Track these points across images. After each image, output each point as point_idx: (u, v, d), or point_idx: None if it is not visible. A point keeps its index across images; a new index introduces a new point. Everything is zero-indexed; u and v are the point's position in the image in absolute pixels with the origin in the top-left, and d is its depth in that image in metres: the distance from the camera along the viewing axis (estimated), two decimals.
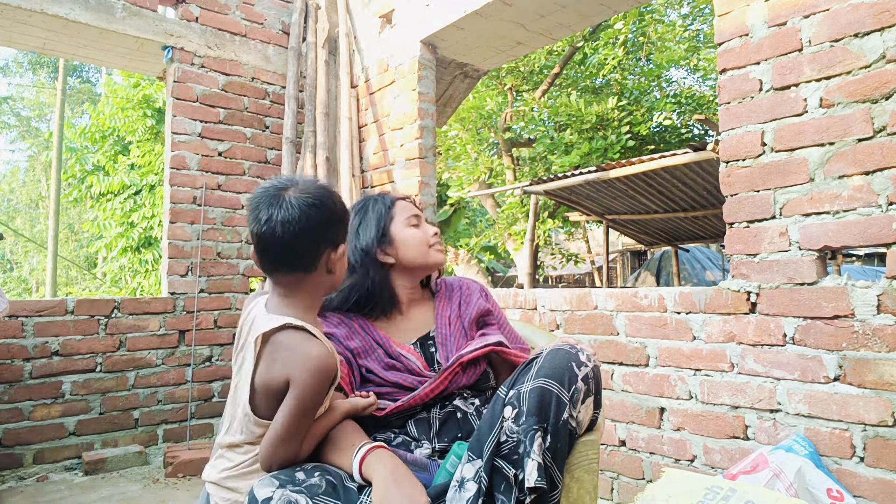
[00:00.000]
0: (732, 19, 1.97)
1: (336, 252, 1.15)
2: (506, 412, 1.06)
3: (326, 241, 1.13)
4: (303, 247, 1.10)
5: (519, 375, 1.12)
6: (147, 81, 9.46)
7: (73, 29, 3.17)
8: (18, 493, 2.64)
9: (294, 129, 3.58)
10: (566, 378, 1.06)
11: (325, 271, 1.14)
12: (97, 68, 20.43)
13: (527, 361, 1.14)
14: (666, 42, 9.80)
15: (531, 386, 1.06)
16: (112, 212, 9.67)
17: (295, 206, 1.08)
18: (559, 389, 1.05)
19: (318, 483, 1.03)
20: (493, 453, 1.04)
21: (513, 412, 1.06)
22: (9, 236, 18.47)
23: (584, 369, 1.09)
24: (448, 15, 3.04)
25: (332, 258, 1.14)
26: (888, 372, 1.60)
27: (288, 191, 1.10)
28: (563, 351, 1.11)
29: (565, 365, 1.08)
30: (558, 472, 1.06)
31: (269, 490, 0.99)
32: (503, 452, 1.04)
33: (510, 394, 1.09)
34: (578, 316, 2.41)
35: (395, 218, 1.40)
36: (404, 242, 1.38)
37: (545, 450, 1.03)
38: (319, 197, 1.11)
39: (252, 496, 1.00)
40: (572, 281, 16.89)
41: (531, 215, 7.09)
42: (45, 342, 2.96)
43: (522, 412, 1.04)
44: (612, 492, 2.28)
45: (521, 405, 1.05)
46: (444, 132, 9.26)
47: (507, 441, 1.04)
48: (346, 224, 1.19)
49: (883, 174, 1.63)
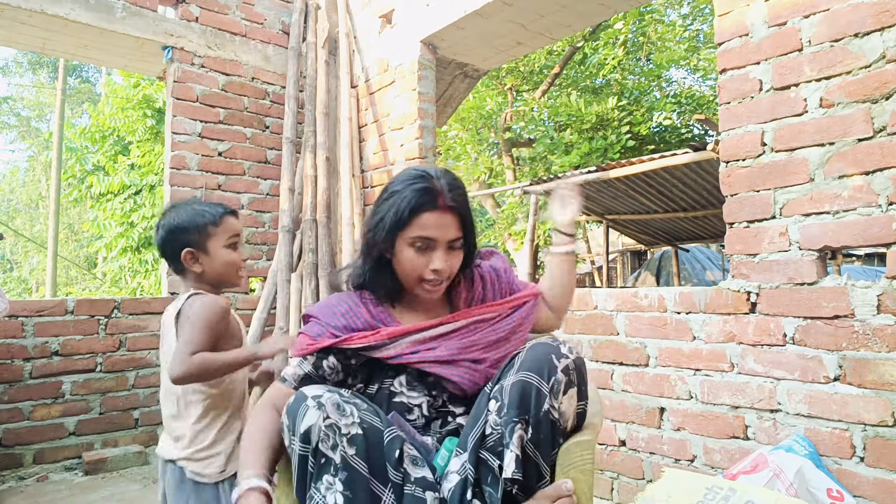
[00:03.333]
0: (732, 19, 1.97)
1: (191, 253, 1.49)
2: (490, 405, 1.09)
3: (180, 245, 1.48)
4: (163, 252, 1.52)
5: (503, 371, 1.14)
6: (147, 81, 9.45)
7: (73, 29, 3.17)
8: (18, 493, 2.64)
9: (294, 129, 3.58)
10: (545, 370, 1.07)
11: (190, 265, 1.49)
12: (97, 68, 20.43)
13: (511, 357, 1.15)
14: (666, 42, 9.81)
15: (513, 380, 1.08)
16: (112, 212, 9.66)
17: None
18: (538, 381, 1.06)
19: (359, 402, 1.09)
20: (479, 445, 1.07)
21: (496, 405, 1.08)
22: (9, 236, 18.47)
23: (565, 360, 1.09)
24: (448, 15, 3.04)
25: (188, 258, 1.48)
26: (888, 372, 1.60)
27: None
28: (544, 344, 1.12)
29: (545, 357, 1.09)
30: (544, 463, 1.08)
31: (320, 391, 1.06)
32: (489, 445, 1.07)
33: (494, 388, 1.11)
34: (578, 316, 2.41)
35: (403, 235, 1.18)
36: (398, 262, 1.21)
37: (527, 441, 1.05)
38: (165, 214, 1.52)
39: (301, 393, 1.06)
40: None
41: (531, 215, 7.09)
42: (45, 342, 2.96)
43: (504, 405, 1.07)
44: (612, 492, 2.28)
45: (503, 398, 1.08)
46: (444, 132, 9.27)
47: (492, 434, 1.07)
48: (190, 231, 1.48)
49: (883, 174, 1.63)
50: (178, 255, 1.46)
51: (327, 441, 1.02)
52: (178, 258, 1.46)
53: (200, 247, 1.46)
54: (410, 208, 1.15)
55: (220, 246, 1.48)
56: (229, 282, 1.52)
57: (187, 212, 1.47)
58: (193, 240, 1.46)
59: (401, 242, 1.18)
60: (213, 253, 1.47)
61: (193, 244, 1.46)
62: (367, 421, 1.07)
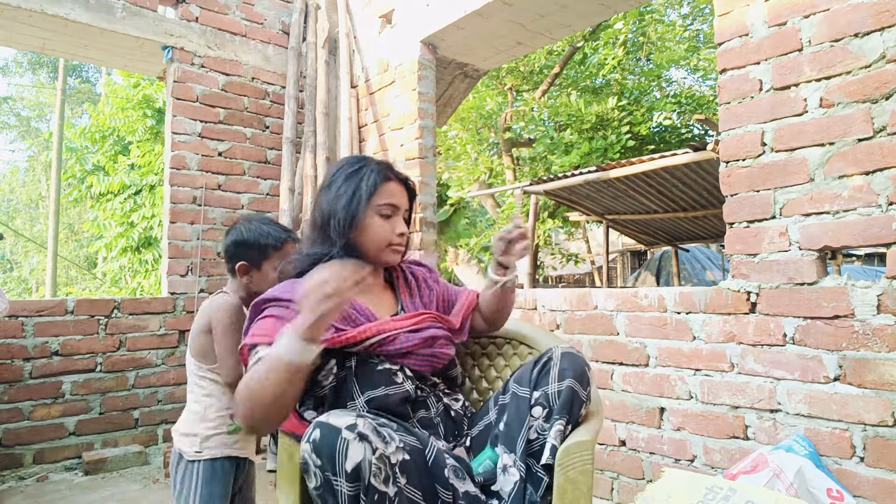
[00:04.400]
0: (732, 19, 1.97)
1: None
2: (535, 412, 1.18)
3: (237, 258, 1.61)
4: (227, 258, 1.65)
5: (539, 377, 1.21)
6: (147, 81, 9.45)
7: (73, 29, 3.17)
8: (18, 493, 2.64)
9: (294, 129, 3.58)
10: (584, 379, 1.20)
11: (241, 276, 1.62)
12: (97, 68, 20.43)
13: (537, 361, 1.24)
14: (666, 42, 9.80)
15: (558, 388, 1.18)
16: (112, 212, 9.66)
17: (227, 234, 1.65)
18: (580, 389, 1.18)
19: (388, 423, 1.06)
20: (527, 450, 1.16)
21: (543, 412, 1.17)
22: (9, 236, 18.46)
23: (590, 371, 1.23)
24: (448, 15, 3.04)
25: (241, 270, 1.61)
26: (888, 372, 1.60)
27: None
28: (576, 355, 1.22)
29: (583, 369, 1.20)
30: None
31: (350, 419, 0.95)
32: (533, 450, 1.16)
33: (536, 395, 1.19)
34: (578, 316, 2.40)
35: (372, 204, 1.26)
36: (366, 234, 1.27)
37: (560, 433, 1.15)
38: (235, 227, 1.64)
39: (326, 425, 0.94)
40: (572, 281, 16.88)
41: (531, 215, 7.08)
42: (45, 342, 2.96)
43: (553, 410, 1.16)
44: (612, 492, 2.28)
45: (550, 404, 1.17)
46: (444, 132, 9.26)
47: (538, 438, 1.16)
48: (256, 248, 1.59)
49: (883, 174, 1.63)
50: (234, 264, 1.60)
51: (379, 475, 0.93)
52: (233, 266, 1.61)
53: (256, 264, 1.59)
54: (379, 179, 1.27)
55: (272, 267, 1.58)
56: None
57: (256, 230, 1.60)
58: (253, 256, 1.59)
59: (370, 213, 1.26)
60: (264, 272, 1.59)
61: (251, 260, 1.59)
62: (408, 442, 1.04)
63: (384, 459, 0.94)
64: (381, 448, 0.94)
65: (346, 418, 0.96)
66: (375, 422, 0.99)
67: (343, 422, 0.94)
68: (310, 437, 0.94)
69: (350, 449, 0.91)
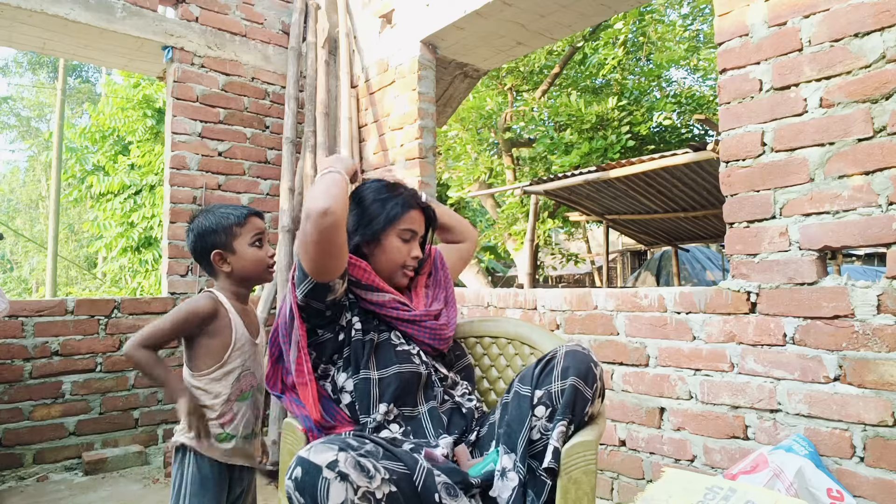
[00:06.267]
0: (732, 19, 1.97)
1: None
2: (537, 411, 1.17)
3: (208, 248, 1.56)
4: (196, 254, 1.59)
5: (542, 376, 1.20)
6: (147, 81, 9.45)
7: (73, 29, 3.17)
8: (18, 493, 2.64)
9: (294, 129, 3.58)
10: (589, 377, 1.18)
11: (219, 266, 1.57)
12: (97, 68, 20.43)
13: (540, 360, 1.24)
14: (666, 42, 9.79)
15: (561, 386, 1.17)
16: (112, 212, 9.66)
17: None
18: (583, 388, 1.17)
19: (373, 450, 1.03)
20: (528, 451, 1.15)
21: (546, 411, 1.17)
22: (9, 236, 18.46)
23: (598, 369, 1.21)
24: (448, 15, 3.04)
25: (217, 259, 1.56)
26: (888, 372, 1.60)
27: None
28: (581, 353, 1.21)
29: (586, 366, 1.18)
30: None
31: (331, 454, 0.94)
32: (536, 450, 1.15)
33: (539, 394, 1.18)
34: (578, 316, 2.40)
35: (396, 227, 1.42)
36: (384, 252, 1.43)
37: (563, 434, 1.15)
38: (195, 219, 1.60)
39: (307, 462, 0.94)
40: (572, 281, 16.87)
41: (531, 215, 7.08)
42: (45, 342, 2.96)
43: (556, 410, 1.16)
44: (612, 492, 2.28)
45: (553, 404, 1.16)
46: (444, 132, 9.26)
47: (541, 439, 1.16)
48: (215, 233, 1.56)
49: (883, 174, 1.63)
50: (208, 258, 1.55)
51: None
52: (208, 260, 1.56)
53: (227, 247, 1.55)
54: (405, 207, 1.43)
55: (246, 244, 1.56)
56: (258, 278, 1.61)
57: (213, 215, 1.57)
58: (221, 241, 1.55)
59: (391, 235, 1.41)
60: (239, 252, 1.56)
61: (221, 245, 1.55)
62: (394, 470, 1.01)
63: (368, 497, 0.93)
64: (365, 485, 0.93)
65: (328, 454, 0.94)
66: (358, 452, 0.97)
67: (324, 458, 0.94)
68: (292, 474, 0.95)
69: (331, 490, 0.91)
